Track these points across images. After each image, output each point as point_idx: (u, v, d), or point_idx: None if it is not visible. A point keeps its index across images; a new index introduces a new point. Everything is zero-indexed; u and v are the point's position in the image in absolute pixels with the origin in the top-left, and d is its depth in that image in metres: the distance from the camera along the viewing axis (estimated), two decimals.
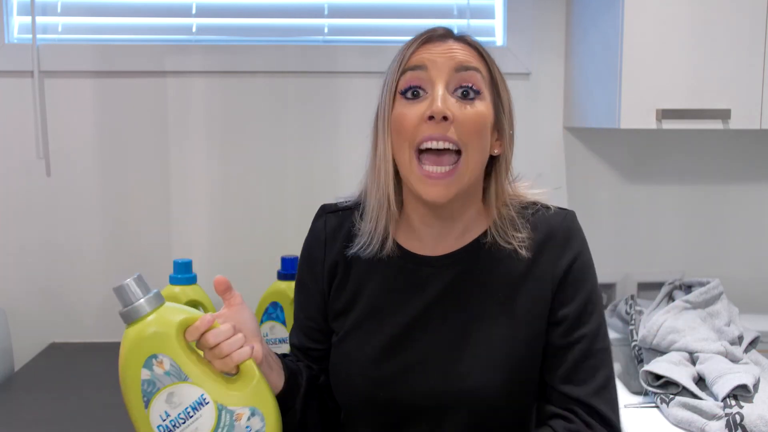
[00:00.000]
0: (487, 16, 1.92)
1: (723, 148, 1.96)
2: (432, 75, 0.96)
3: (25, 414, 1.46)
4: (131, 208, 1.89)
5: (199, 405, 0.88)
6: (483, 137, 0.98)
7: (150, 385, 0.88)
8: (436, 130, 0.94)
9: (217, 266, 1.90)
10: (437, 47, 0.98)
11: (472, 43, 1.01)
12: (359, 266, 1.07)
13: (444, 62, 0.96)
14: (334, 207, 1.13)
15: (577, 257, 1.03)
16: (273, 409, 0.94)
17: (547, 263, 1.02)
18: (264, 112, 1.89)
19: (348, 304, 1.08)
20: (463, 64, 0.97)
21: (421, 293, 1.03)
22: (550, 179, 1.94)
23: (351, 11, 1.90)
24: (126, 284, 0.89)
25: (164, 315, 0.89)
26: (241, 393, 0.91)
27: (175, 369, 0.88)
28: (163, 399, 0.88)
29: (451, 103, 0.95)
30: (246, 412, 0.90)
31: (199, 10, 1.88)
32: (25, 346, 1.87)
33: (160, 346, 0.87)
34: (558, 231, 1.03)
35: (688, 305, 1.59)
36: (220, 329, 0.91)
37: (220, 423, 0.89)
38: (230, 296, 0.99)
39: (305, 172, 1.91)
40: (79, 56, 1.84)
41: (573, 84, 1.86)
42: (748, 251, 1.99)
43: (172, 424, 0.88)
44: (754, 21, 1.59)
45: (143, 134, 1.88)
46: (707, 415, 1.26)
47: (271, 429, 0.93)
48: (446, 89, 0.96)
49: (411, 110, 0.96)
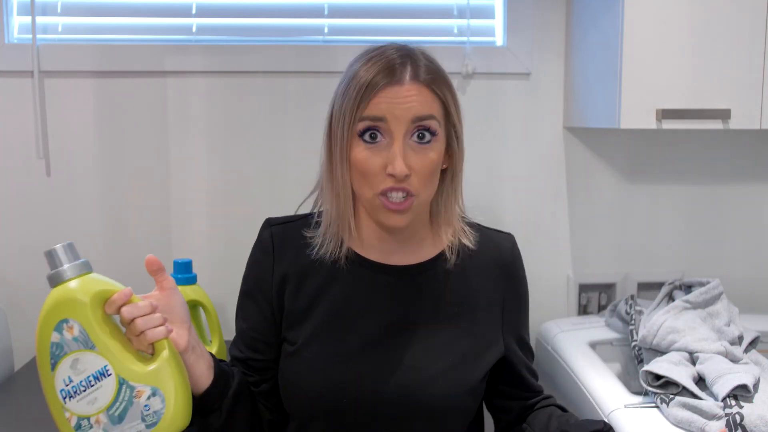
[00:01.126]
0: (487, 16, 1.92)
1: (723, 148, 1.96)
2: (391, 127, 1.01)
3: (25, 414, 1.46)
4: (131, 209, 1.89)
5: (101, 375, 0.89)
6: (433, 179, 1.05)
7: (58, 348, 0.89)
8: (396, 185, 1.01)
9: (217, 266, 1.90)
10: (396, 94, 1.00)
11: (427, 82, 1.02)
12: (315, 274, 1.09)
13: (401, 114, 1.00)
14: (280, 220, 1.18)
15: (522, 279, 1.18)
16: (179, 393, 0.92)
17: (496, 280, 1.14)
18: (264, 112, 1.89)
19: (305, 312, 1.09)
20: (419, 114, 1.01)
21: (383, 302, 1.08)
22: (550, 179, 1.94)
23: (351, 11, 1.90)
24: (54, 249, 0.91)
25: (84, 283, 0.91)
26: (146, 371, 0.91)
27: (83, 336, 0.89)
28: (68, 364, 0.89)
29: (408, 155, 1.01)
30: (147, 390, 0.90)
31: (199, 10, 1.88)
32: (25, 346, 1.87)
33: (73, 311, 0.89)
34: (506, 252, 1.16)
35: (688, 305, 1.59)
36: (136, 305, 0.92)
37: (119, 397, 0.89)
38: (162, 278, 1.00)
39: (305, 172, 1.90)
40: (79, 56, 1.84)
41: (573, 84, 1.86)
42: (748, 251, 1.99)
43: (73, 389, 0.89)
44: (754, 21, 1.59)
45: (143, 134, 1.88)
46: (707, 415, 1.26)
47: (171, 413, 0.91)
48: (404, 139, 1.01)
49: (372, 159, 1.01)
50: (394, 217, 1.03)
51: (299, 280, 1.10)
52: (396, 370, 1.04)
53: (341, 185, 1.05)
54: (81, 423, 0.89)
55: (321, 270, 1.09)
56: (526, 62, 1.90)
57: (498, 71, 1.90)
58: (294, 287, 1.10)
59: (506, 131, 1.92)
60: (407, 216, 1.03)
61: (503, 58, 1.90)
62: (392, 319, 1.07)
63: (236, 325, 1.15)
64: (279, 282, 1.11)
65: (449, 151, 1.08)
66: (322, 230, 1.10)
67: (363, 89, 1.01)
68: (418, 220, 1.09)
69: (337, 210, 1.07)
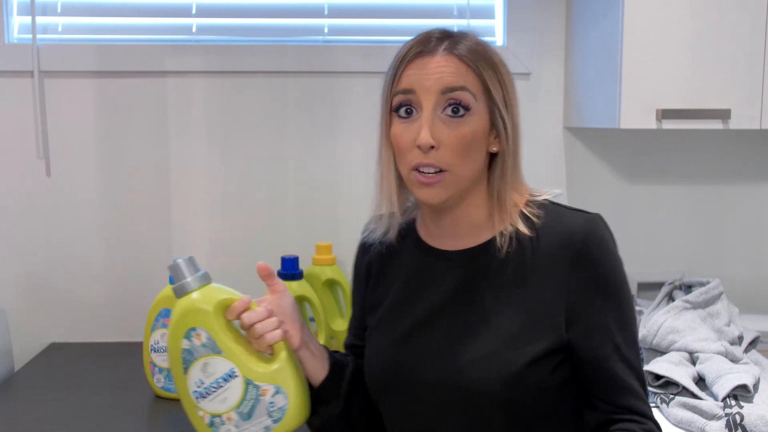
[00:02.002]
0: (487, 16, 1.92)
1: (723, 148, 1.96)
2: (420, 98, 1.00)
3: (25, 414, 1.46)
4: (131, 208, 1.89)
5: (229, 377, 0.98)
6: (469, 154, 1.01)
7: (189, 353, 0.98)
8: (425, 158, 1.00)
9: (217, 266, 1.90)
10: (426, 65, 1.00)
11: (462, 55, 1.01)
12: (391, 262, 1.13)
13: (431, 85, 0.99)
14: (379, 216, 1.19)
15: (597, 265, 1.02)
16: (298, 389, 1.01)
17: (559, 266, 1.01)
18: (264, 112, 1.89)
19: (379, 299, 1.14)
20: (449, 85, 1.00)
21: (436, 286, 1.07)
22: (550, 179, 1.94)
23: (351, 11, 1.90)
24: (178, 264, 1.00)
25: (207, 293, 1.00)
26: (269, 371, 0.99)
27: (210, 342, 0.97)
28: (199, 368, 0.98)
29: (439, 128, 0.99)
30: (271, 389, 0.98)
31: (199, 10, 1.88)
32: (25, 346, 1.87)
33: (199, 320, 0.98)
34: (577, 235, 1.02)
35: (688, 305, 1.59)
36: (254, 310, 1.00)
37: (247, 395, 0.98)
38: (273, 282, 1.08)
39: (305, 172, 1.91)
40: (79, 56, 1.84)
41: (573, 84, 1.86)
42: (748, 251, 1.99)
43: (205, 390, 0.98)
44: (754, 21, 1.59)
45: (143, 134, 1.88)
46: (707, 415, 1.26)
47: (293, 408, 1.00)
48: (434, 111, 1.00)
49: (404, 133, 1.01)
50: (425, 190, 1.01)
51: (380, 269, 1.15)
52: (437, 354, 1.04)
53: (385, 164, 1.06)
54: (214, 420, 0.99)
55: (395, 258, 1.13)
56: (526, 62, 1.90)
57: None
58: (375, 276, 1.15)
59: None
60: (439, 191, 1.01)
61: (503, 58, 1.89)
62: (440, 304, 1.06)
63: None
64: (365, 272, 1.17)
65: (497, 134, 1.04)
66: (374, 216, 1.12)
67: (397, 63, 1.02)
68: (471, 203, 1.06)
69: (382, 192, 1.08)
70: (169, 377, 1.52)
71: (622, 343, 1.00)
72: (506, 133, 1.04)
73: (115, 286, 1.90)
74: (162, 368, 1.52)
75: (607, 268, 1.02)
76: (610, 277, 1.02)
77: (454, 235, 1.08)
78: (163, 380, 1.53)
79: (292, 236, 1.91)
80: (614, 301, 1.02)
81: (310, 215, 1.92)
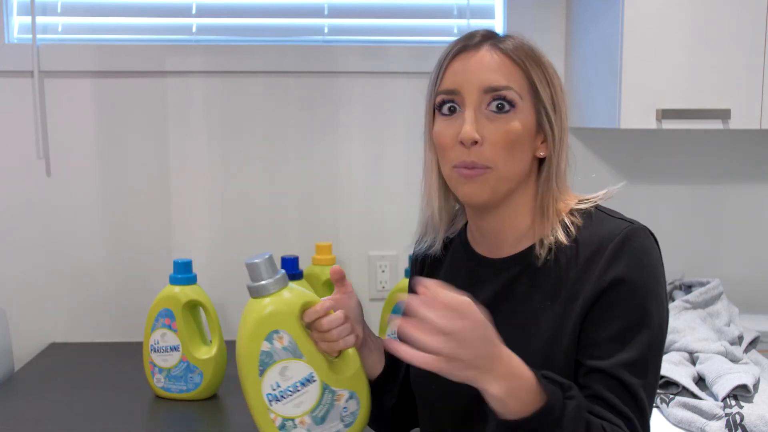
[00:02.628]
0: (487, 16, 1.92)
1: (723, 148, 1.96)
2: (464, 96, 0.98)
3: (25, 414, 1.46)
4: (131, 208, 1.89)
5: (307, 382, 0.97)
6: (514, 152, 0.98)
7: (267, 356, 0.96)
8: (468, 156, 0.97)
9: (217, 266, 1.90)
10: (469, 62, 0.98)
11: (508, 51, 0.99)
12: (442, 266, 1.12)
13: (474, 84, 0.97)
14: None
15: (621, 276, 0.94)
16: (368, 395, 1.03)
17: (590, 275, 0.96)
18: (264, 112, 1.89)
19: None
20: (492, 85, 0.97)
21: (475, 293, 1.01)
22: None
23: (351, 11, 1.90)
24: (257, 263, 0.96)
25: (291, 296, 0.98)
26: (344, 377, 1.00)
27: (292, 346, 0.96)
28: (277, 371, 0.96)
29: (483, 124, 0.97)
30: (345, 394, 0.99)
31: (199, 10, 1.88)
32: (25, 346, 1.87)
33: (283, 323, 0.96)
34: (609, 242, 0.96)
35: (688, 305, 1.59)
36: (334, 316, 0.98)
37: (322, 401, 0.97)
38: (342, 284, 1.06)
39: (305, 172, 1.91)
40: (79, 56, 1.84)
41: (573, 84, 1.86)
42: (748, 251, 1.99)
43: (280, 394, 0.97)
44: (754, 21, 1.59)
45: (143, 134, 1.88)
46: (707, 415, 1.26)
47: (363, 413, 1.02)
48: (478, 109, 0.97)
49: (447, 130, 0.99)
50: (467, 186, 0.97)
51: (430, 271, 1.14)
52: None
53: (428, 167, 1.04)
54: (285, 424, 0.98)
55: (446, 260, 1.12)
56: None
57: None
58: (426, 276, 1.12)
59: None
60: (482, 187, 0.97)
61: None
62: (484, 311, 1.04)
63: None
64: (419, 272, 1.15)
65: (544, 137, 1.01)
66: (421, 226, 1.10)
67: (441, 60, 1.00)
68: (515, 208, 1.02)
69: (426, 197, 1.06)
70: (169, 377, 1.52)
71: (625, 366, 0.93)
72: (553, 136, 1.00)
73: (115, 286, 1.90)
74: (162, 368, 1.52)
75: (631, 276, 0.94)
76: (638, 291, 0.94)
77: (497, 242, 1.05)
78: (163, 380, 1.53)
79: (292, 236, 1.91)
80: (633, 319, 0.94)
81: (310, 215, 1.92)
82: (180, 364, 1.51)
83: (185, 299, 1.51)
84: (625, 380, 0.92)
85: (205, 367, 1.51)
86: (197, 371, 1.51)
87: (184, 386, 1.52)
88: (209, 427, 1.45)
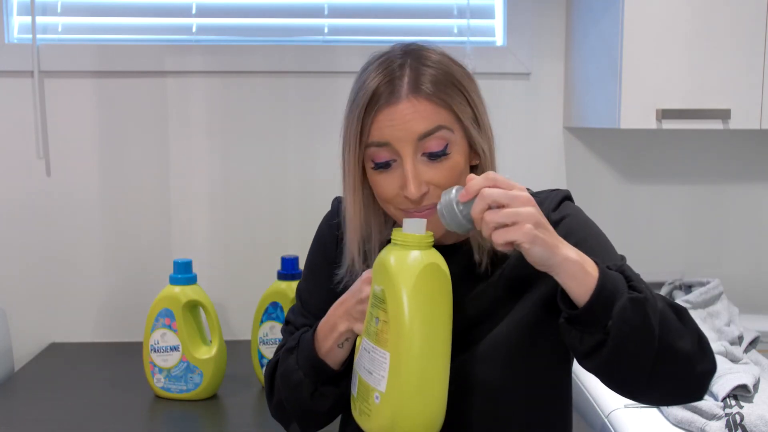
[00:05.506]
0: (487, 16, 1.92)
1: (723, 148, 1.96)
2: (397, 148, 0.96)
3: (25, 414, 1.46)
4: (131, 208, 1.89)
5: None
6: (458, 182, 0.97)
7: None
8: (416, 207, 0.97)
9: (217, 266, 1.90)
10: (395, 114, 0.96)
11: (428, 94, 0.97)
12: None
13: (404, 135, 0.95)
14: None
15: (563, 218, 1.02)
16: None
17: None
18: (264, 112, 1.89)
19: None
20: (424, 131, 0.96)
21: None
22: (550, 179, 1.94)
23: (351, 11, 1.90)
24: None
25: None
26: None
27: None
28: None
29: (423, 171, 0.96)
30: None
31: (199, 10, 1.88)
32: (25, 346, 1.87)
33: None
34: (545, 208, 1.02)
35: (688, 305, 1.59)
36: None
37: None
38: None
39: (305, 172, 1.91)
40: (79, 56, 1.84)
41: (573, 84, 1.86)
42: (748, 251, 1.99)
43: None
44: (754, 21, 1.59)
45: (143, 134, 1.88)
46: (707, 415, 1.26)
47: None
48: (414, 158, 0.96)
49: (387, 183, 0.97)
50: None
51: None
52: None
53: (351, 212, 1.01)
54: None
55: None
56: (526, 62, 1.90)
57: (498, 71, 1.90)
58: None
59: (506, 131, 1.91)
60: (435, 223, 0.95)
61: (503, 58, 1.90)
62: None
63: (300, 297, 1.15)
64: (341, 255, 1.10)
65: (476, 151, 1.01)
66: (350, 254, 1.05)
67: (362, 112, 0.98)
68: None
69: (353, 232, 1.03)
70: (169, 377, 1.52)
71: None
72: (483, 150, 1.01)
73: (115, 286, 1.90)
74: (162, 368, 1.52)
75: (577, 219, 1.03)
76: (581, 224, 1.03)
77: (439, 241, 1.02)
78: (163, 380, 1.53)
79: (291, 236, 1.91)
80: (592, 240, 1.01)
81: (310, 215, 1.91)
82: (180, 364, 1.51)
83: (185, 299, 1.51)
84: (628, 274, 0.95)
85: (205, 367, 1.51)
86: (197, 371, 1.51)
87: (184, 386, 1.52)
88: (209, 427, 1.45)
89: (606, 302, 0.86)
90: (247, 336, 1.65)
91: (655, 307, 0.87)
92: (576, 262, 0.87)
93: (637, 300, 0.86)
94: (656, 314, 0.87)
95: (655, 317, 0.87)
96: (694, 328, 0.91)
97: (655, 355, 0.87)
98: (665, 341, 0.87)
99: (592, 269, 0.88)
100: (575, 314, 0.88)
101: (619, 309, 0.86)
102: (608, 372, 0.91)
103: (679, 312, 0.91)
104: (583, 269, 0.88)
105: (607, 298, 0.86)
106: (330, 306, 1.06)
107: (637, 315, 0.86)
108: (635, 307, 0.86)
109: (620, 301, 0.86)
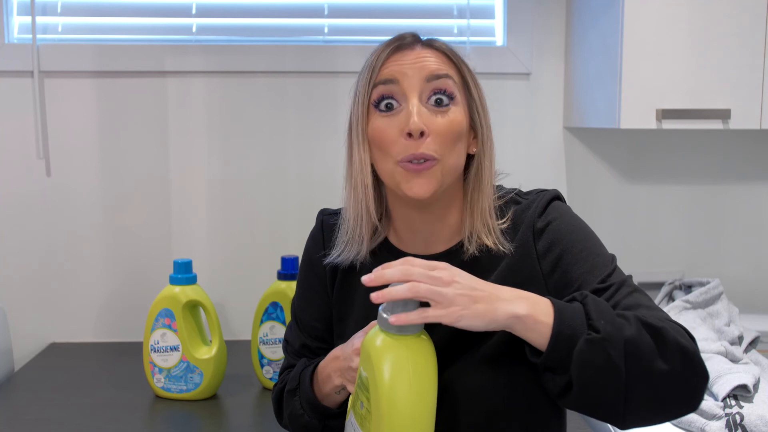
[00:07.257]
0: (487, 16, 1.92)
1: (723, 148, 1.96)
2: (404, 87, 0.97)
3: (25, 414, 1.46)
4: (131, 208, 1.89)
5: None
6: (456, 145, 0.98)
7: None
8: (416, 148, 0.95)
9: (217, 266, 1.90)
10: (406, 57, 0.98)
11: (441, 48, 1.00)
12: (358, 273, 1.07)
13: (415, 73, 0.97)
14: (331, 210, 1.15)
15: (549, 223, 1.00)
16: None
17: (526, 245, 1.00)
18: (264, 112, 1.89)
19: (348, 307, 1.08)
20: (434, 72, 0.97)
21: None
22: (550, 179, 1.94)
23: (351, 11, 1.90)
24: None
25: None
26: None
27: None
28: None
29: (426, 116, 0.96)
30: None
31: (199, 10, 1.88)
32: (25, 346, 1.88)
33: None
34: (531, 213, 1.01)
35: (688, 305, 1.59)
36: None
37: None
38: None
39: (305, 172, 1.91)
40: (79, 56, 1.85)
41: (573, 84, 1.86)
42: (748, 251, 1.99)
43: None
44: (754, 21, 1.59)
45: (143, 134, 1.88)
46: (707, 415, 1.26)
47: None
48: (420, 100, 0.97)
49: (388, 126, 0.97)
50: (416, 182, 0.95)
51: (346, 273, 1.08)
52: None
53: (359, 170, 1.01)
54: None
55: (365, 268, 1.05)
56: (526, 62, 1.90)
57: (498, 71, 1.90)
58: (341, 279, 1.09)
59: (506, 131, 1.92)
60: (429, 180, 0.96)
61: (503, 58, 1.90)
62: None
63: (294, 315, 1.14)
64: (331, 271, 1.10)
65: (475, 129, 1.02)
66: (343, 239, 1.05)
67: (374, 60, 0.99)
68: (452, 204, 1.03)
69: (356, 201, 1.02)
70: (169, 377, 1.52)
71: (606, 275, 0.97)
72: (482, 133, 1.01)
73: (115, 286, 1.90)
74: (162, 368, 1.52)
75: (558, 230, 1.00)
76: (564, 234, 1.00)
77: (430, 240, 1.04)
78: (163, 380, 1.53)
79: (291, 236, 1.91)
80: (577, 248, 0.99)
81: (310, 215, 1.91)
82: (180, 364, 1.51)
83: (185, 299, 1.51)
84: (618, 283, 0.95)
85: (205, 367, 1.51)
86: (197, 371, 1.51)
87: (184, 386, 1.52)
88: (209, 427, 1.45)
89: (564, 347, 0.85)
90: (247, 336, 1.65)
91: (619, 340, 0.84)
92: (525, 316, 0.86)
93: (593, 341, 0.84)
94: (620, 349, 0.84)
95: (618, 352, 0.84)
96: (675, 345, 0.86)
97: (625, 388, 0.84)
98: (637, 370, 0.85)
99: (545, 316, 0.86)
100: (539, 361, 0.87)
101: (578, 353, 0.84)
102: (585, 409, 0.89)
103: (656, 331, 0.86)
104: (534, 320, 0.86)
105: (564, 342, 0.85)
106: (323, 323, 1.09)
107: (597, 355, 0.84)
108: (593, 349, 0.84)
109: (578, 344, 0.84)
